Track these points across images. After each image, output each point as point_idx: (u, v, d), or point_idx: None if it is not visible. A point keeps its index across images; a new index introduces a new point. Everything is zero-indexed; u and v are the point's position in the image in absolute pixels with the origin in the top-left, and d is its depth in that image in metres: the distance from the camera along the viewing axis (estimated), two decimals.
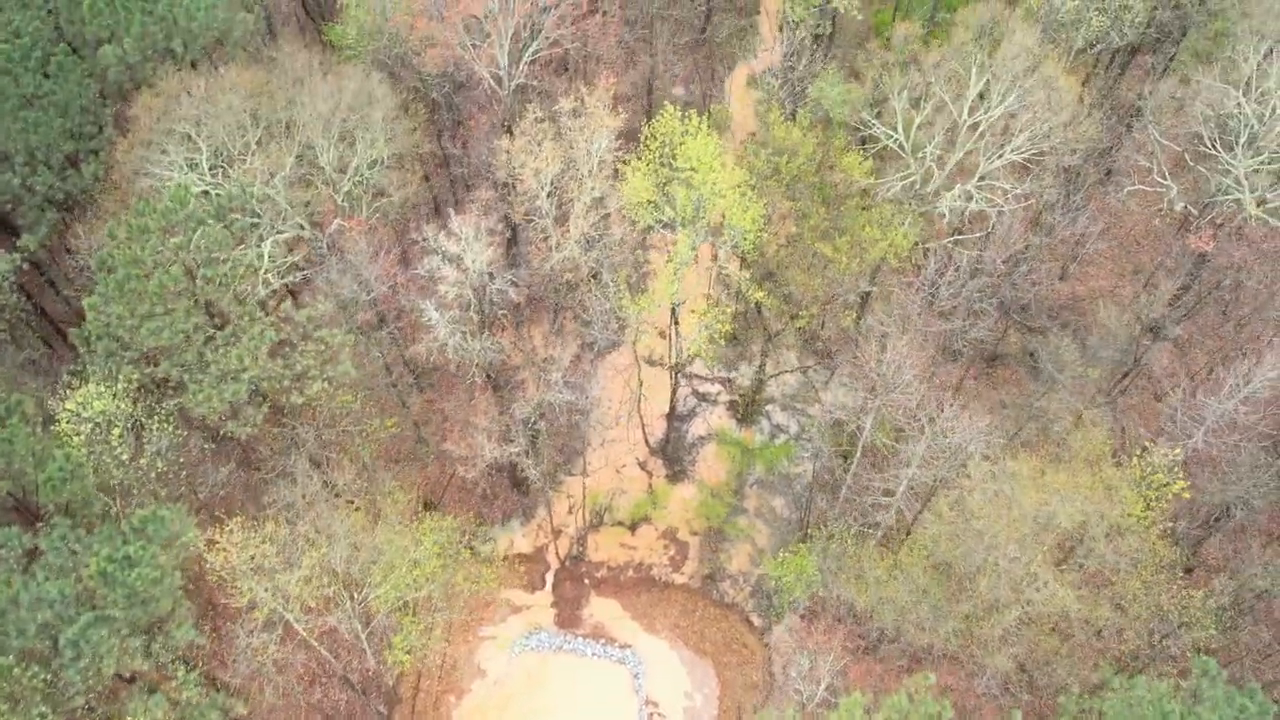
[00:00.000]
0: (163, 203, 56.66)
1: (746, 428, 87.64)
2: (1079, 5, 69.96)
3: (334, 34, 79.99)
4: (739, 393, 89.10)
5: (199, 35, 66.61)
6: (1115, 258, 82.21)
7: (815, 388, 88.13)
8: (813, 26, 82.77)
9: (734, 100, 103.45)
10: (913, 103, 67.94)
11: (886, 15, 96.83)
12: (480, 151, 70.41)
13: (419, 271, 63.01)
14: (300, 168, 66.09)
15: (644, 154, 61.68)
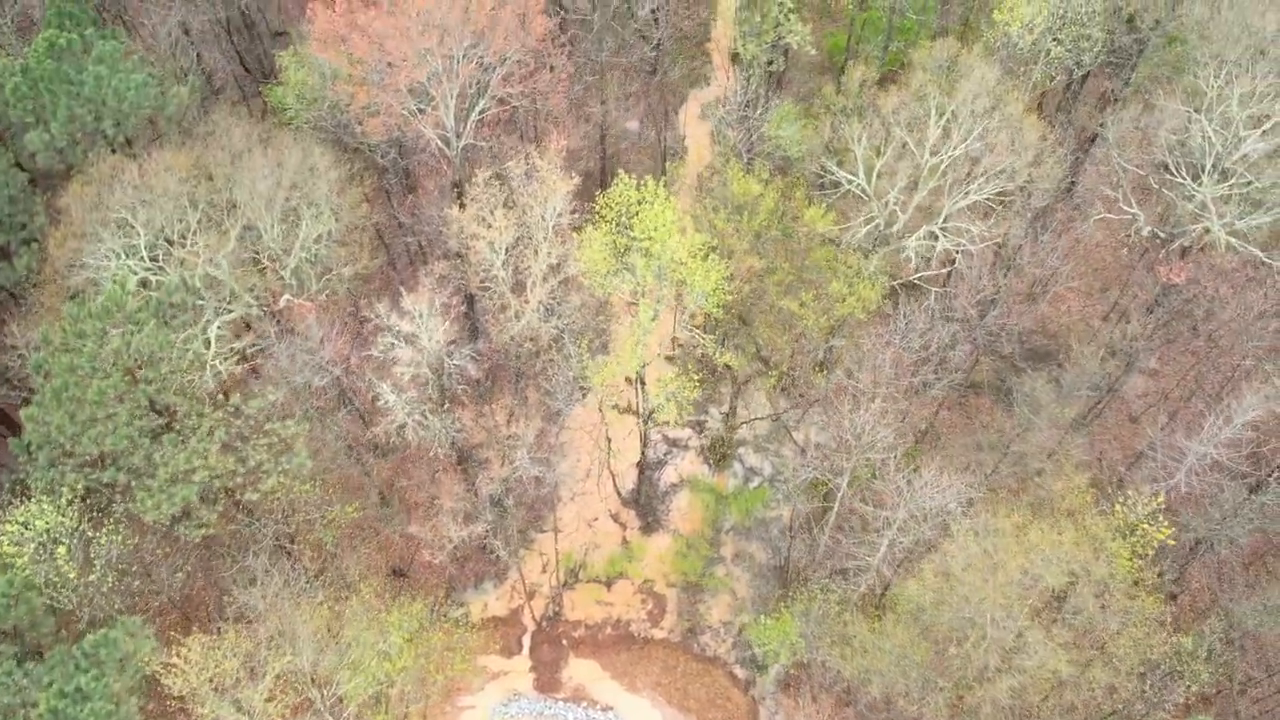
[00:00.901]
0: (98, 304, 54.00)
1: (719, 473, 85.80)
2: (1037, 39, 68.40)
3: (274, 95, 77.40)
4: (710, 437, 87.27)
5: (130, 115, 63.80)
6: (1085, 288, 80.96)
7: (787, 428, 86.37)
8: (765, 63, 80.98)
9: (688, 130, 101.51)
10: (873, 147, 66.23)
11: (840, 39, 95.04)
12: (431, 218, 68.04)
13: (373, 353, 60.69)
14: (245, 247, 63.55)
15: (599, 224, 59.54)
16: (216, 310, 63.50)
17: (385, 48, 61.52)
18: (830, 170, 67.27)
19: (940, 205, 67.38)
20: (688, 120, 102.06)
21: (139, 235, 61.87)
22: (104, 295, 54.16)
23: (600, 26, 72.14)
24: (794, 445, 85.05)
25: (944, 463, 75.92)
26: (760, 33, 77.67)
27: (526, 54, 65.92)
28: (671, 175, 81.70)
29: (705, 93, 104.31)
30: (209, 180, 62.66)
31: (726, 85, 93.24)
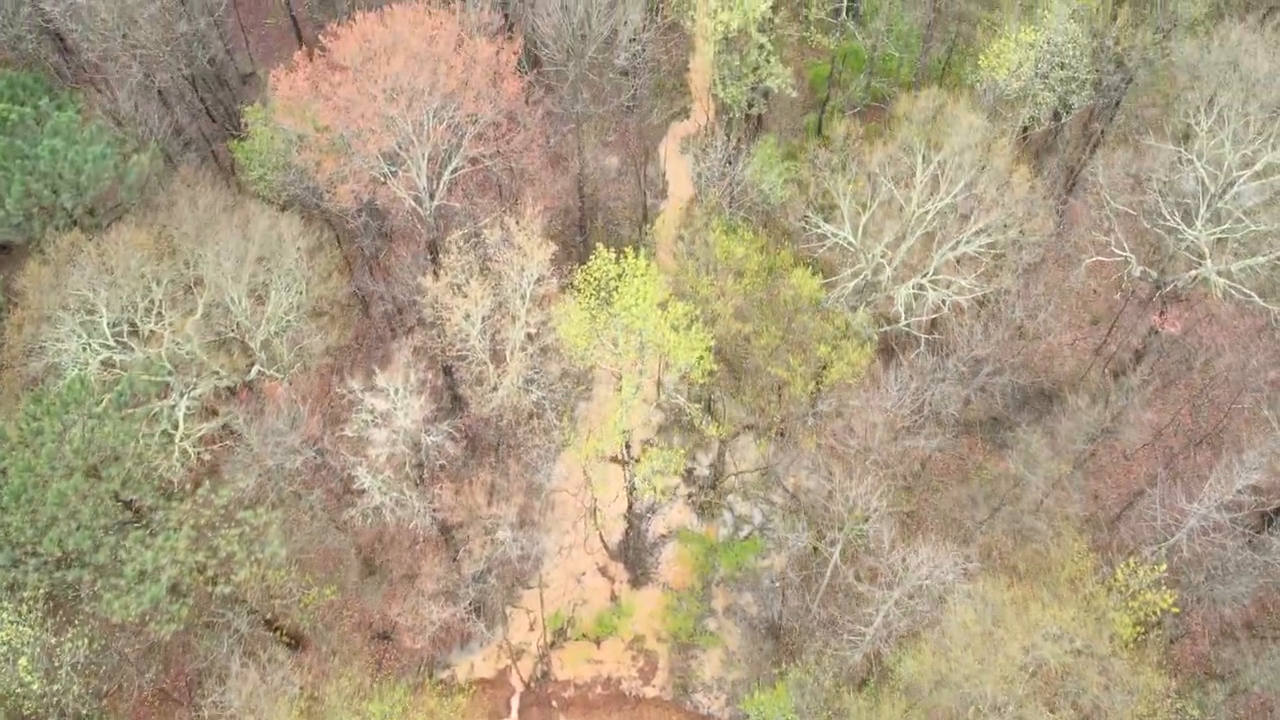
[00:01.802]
0: (57, 397, 51.74)
1: (708, 522, 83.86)
2: (1024, 85, 66.52)
3: (241, 151, 74.99)
4: (698, 484, 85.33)
5: (89, 187, 61.47)
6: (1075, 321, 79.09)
7: (777, 475, 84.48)
8: (745, 105, 78.93)
9: (668, 165, 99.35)
10: (859, 201, 64.34)
11: (823, 69, 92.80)
12: (406, 285, 65.84)
13: (347, 433, 58.55)
14: (212, 324, 61.29)
15: (579, 297, 57.48)
16: (185, 387, 61.25)
17: (352, 115, 59.25)
18: (816, 225, 65.35)
19: (929, 256, 65.58)
20: (668, 154, 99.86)
21: (101, 313, 59.59)
22: (64, 386, 51.95)
23: (575, 77, 69.93)
24: (784, 492, 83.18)
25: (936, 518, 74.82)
26: (740, 76, 75.58)
27: (499, 114, 63.72)
28: (652, 234, 79.54)
29: (685, 125, 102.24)
30: (172, 256, 60.30)
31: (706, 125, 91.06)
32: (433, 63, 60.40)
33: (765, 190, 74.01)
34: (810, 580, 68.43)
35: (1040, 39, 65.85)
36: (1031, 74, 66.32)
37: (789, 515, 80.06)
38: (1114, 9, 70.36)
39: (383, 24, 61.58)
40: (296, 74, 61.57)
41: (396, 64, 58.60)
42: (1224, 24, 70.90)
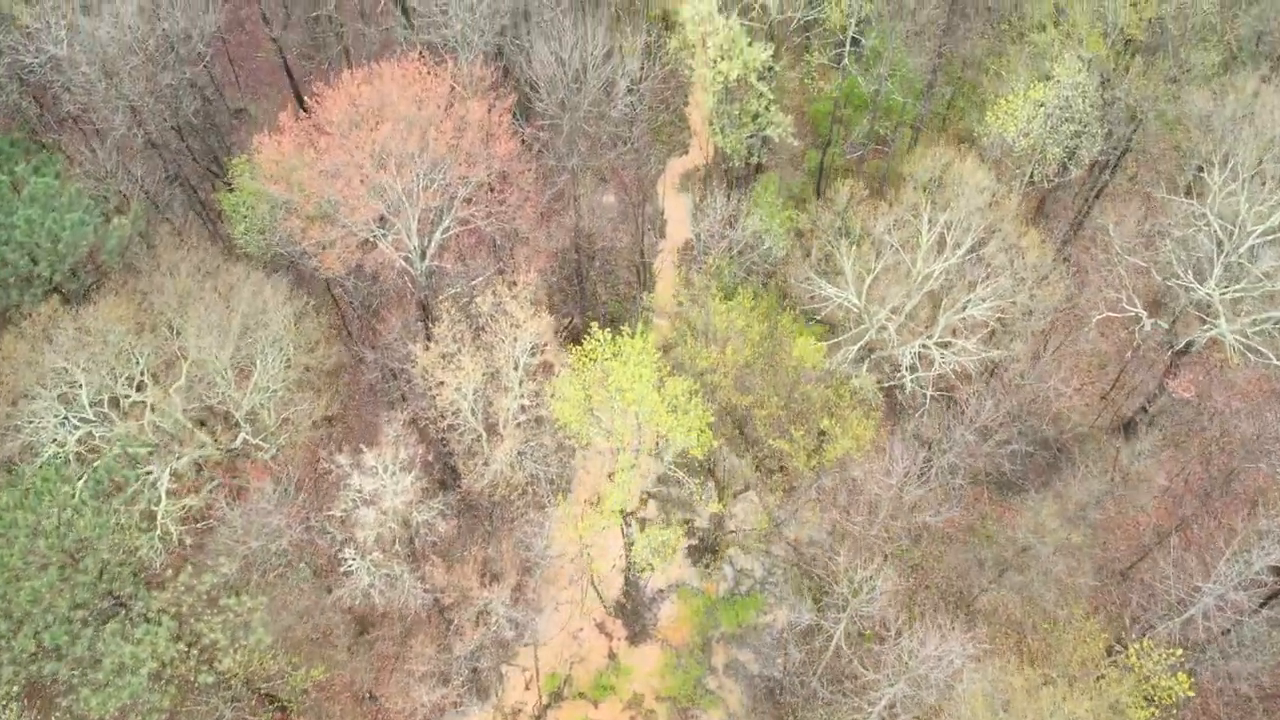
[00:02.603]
0: (30, 490, 49.75)
1: (708, 577, 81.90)
2: (1034, 140, 64.42)
3: (228, 202, 72.97)
4: (698, 536, 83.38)
5: (68, 255, 59.38)
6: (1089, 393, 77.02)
7: (779, 525, 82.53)
8: (745, 155, 76.86)
9: (667, 203, 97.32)
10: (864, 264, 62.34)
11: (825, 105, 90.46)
12: (396, 352, 63.81)
13: (334, 513, 56.59)
14: (194, 396, 59.31)
15: (574, 377, 55.48)
16: (168, 459, 59.28)
17: (338, 182, 57.19)
18: (819, 286, 63.37)
19: (935, 317, 63.61)
20: (667, 191, 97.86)
21: (80, 385, 57.60)
22: (38, 477, 49.95)
23: (570, 129, 67.80)
24: (786, 544, 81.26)
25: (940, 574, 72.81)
26: (740, 125, 73.49)
27: (492, 175, 61.67)
28: (650, 300, 77.54)
29: (684, 161, 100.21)
30: (154, 329, 58.29)
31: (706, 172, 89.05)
32: (422, 127, 58.32)
33: (767, 245, 72.08)
34: (813, 656, 66.51)
35: (1050, 95, 63.74)
36: (1041, 129, 64.21)
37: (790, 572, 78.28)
38: (1125, 60, 68.25)
39: (370, 84, 59.51)
40: (282, 137, 59.50)
41: (384, 130, 56.52)
42: (1238, 74, 68.94)
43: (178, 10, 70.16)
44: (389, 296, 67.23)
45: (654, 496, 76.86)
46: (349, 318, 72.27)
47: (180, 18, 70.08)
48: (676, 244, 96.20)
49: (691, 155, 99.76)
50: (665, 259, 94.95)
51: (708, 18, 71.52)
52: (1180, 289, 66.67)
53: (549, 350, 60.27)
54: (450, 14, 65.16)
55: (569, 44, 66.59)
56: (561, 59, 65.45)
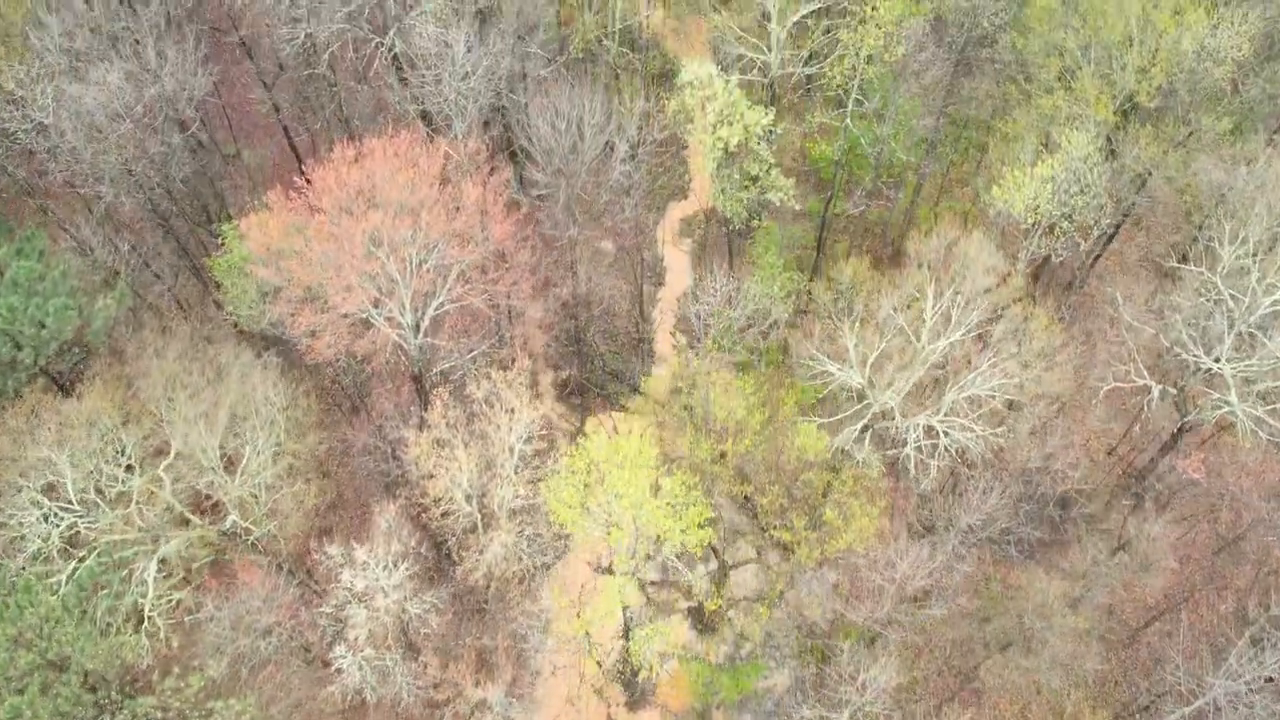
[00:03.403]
0: (10, 602, 48.43)
1: (707, 639, 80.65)
2: (1042, 215, 62.96)
3: (218, 268, 71.51)
4: (697, 598, 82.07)
5: (51, 341, 57.98)
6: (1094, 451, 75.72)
7: (780, 589, 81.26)
8: (745, 218, 75.42)
9: (666, 250, 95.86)
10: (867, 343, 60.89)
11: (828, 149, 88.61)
12: (388, 438, 62.48)
13: (325, 609, 55.32)
14: (182, 488, 57.96)
15: (569, 480, 54.14)
16: (154, 546, 57.96)
17: (327, 270, 55.76)
18: (822, 363, 61.94)
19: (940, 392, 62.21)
20: (666, 237, 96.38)
21: (66, 474, 56.23)
22: (18, 591, 48.61)
23: (568, 198, 66.33)
24: (786, 607, 79.99)
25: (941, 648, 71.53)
26: (741, 187, 72.02)
27: (487, 256, 60.28)
28: (647, 387, 76.19)
29: (684, 206, 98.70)
30: (140, 419, 56.94)
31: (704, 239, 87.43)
32: (415, 210, 56.90)
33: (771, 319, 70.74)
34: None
35: (1059, 168, 62.27)
36: (1049, 205, 62.74)
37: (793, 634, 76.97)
38: (1135, 127, 66.75)
39: (360, 165, 58.00)
40: (270, 221, 58.04)
41: (375, 219, 55.07)
42: (1249, 139, 67.55)
43: (166, 73, 68.54)
44: (381, 374, 65.78)
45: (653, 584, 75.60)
46: (340, 398, 70.84)
47: (169, 81, 68.48)
48: (676, 293, 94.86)
49: (691, 201, 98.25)
50: (665, 306, 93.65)
51: (707, 82, 70.06)
52: (1190, 362, 65.27)
53: (545, 402, 58.86)
54: (444, 83, 63.59)
55: (565, 112, 65.17)
56: (557, 129, 63.96)
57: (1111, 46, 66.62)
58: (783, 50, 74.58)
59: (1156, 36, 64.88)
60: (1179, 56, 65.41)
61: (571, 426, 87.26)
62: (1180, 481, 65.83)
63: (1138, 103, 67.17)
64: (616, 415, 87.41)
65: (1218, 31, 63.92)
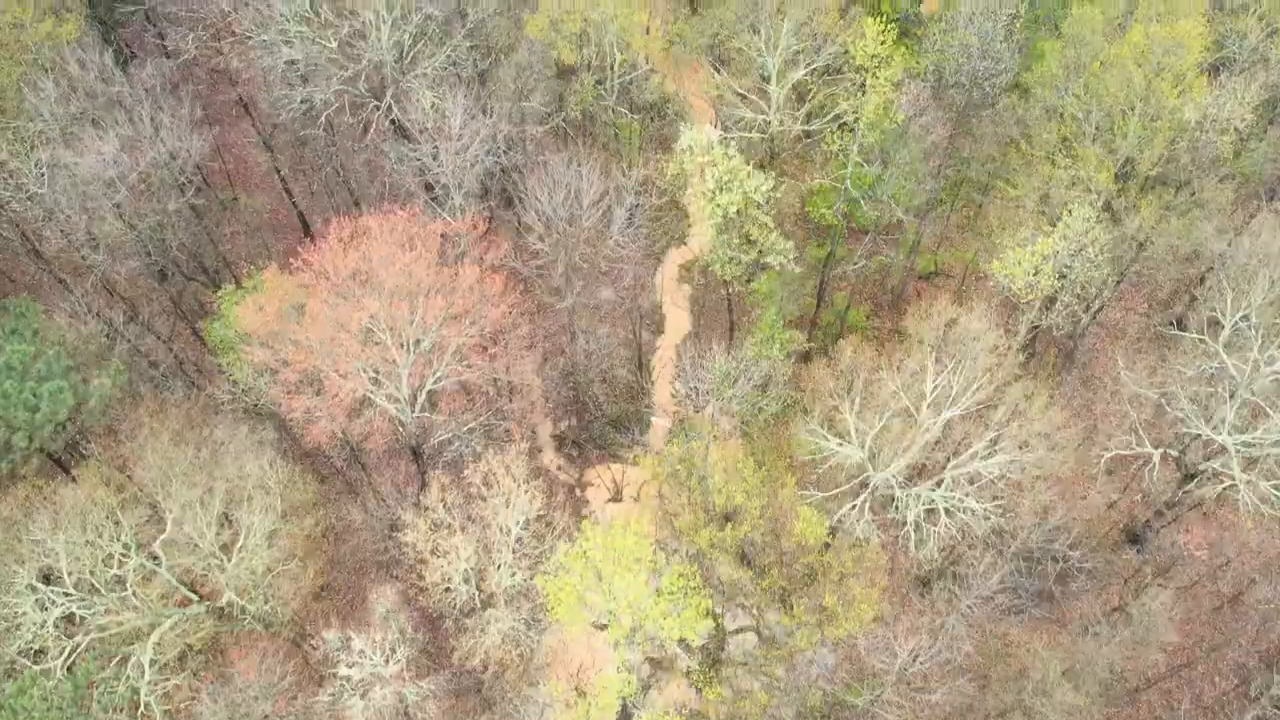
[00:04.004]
0: (6, 707, 48.20)
1: (707, 700, 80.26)
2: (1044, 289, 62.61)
3: (212, 333, 71.12)
4: (696, 658, 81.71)
5: (45, 424, 57.61)
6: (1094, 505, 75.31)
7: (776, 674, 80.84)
8: (745, 281, 74.99)
9: (665, 296, 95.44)
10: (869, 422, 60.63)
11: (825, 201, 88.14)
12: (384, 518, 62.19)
13: (322, 699, 55.06)
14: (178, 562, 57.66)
15: (567, 579, 53.77)
16: (150, 630, 57.66)
17: (324, 356, 55.43)
18: (823, 438, 61.68)
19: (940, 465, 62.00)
20: (666, 285, 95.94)
21: (60, 559, 55.90)
22: (10, 694, 48.35)
23: (566, 267, 65.91)
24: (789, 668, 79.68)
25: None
26: (740, 251, 71.52)
27: (484, 335, 59.94)
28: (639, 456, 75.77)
29: (683, 251, 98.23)
30: (135, 503, 56.66)
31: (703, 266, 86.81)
32: (412, 294, 56.56)
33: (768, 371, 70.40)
34: None
35: (1061, 246, 61.88)
36: (1050, 280, 62.36)
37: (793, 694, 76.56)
38: (1136, 196, 66.35)
39: (356, 248, 57.63)
40: (266, 304, 57.71)
41: (371, 306, 54.72)
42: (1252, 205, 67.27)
43: (161, 139, 68.07)
44: (378, 451, 65.39)
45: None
46: (337, 475, 70.53)
47: (164, 147, 68.01)
48: (675, 339, 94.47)
49: (690, 246, 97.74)
50: (664, 354, 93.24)
51: (706, 148, 69.57)
52: (1192, 435, 64.96)
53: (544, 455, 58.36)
54: (441, 159, 63.17)
55: (563, 181, 64.83)
56: (555, 201, 63.58)
57: (1113, 114, 66.19)
58: (781, 111, 74.11)
59: (1159, 105, 64.40)
60: (1181, 126, 65.00)
61: (570, 478, 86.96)
62: (1182, 555, 65.49)
63: (1139, 170, 66.77)
64: (616, 467, 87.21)
65: (1221, 103, 63.48)
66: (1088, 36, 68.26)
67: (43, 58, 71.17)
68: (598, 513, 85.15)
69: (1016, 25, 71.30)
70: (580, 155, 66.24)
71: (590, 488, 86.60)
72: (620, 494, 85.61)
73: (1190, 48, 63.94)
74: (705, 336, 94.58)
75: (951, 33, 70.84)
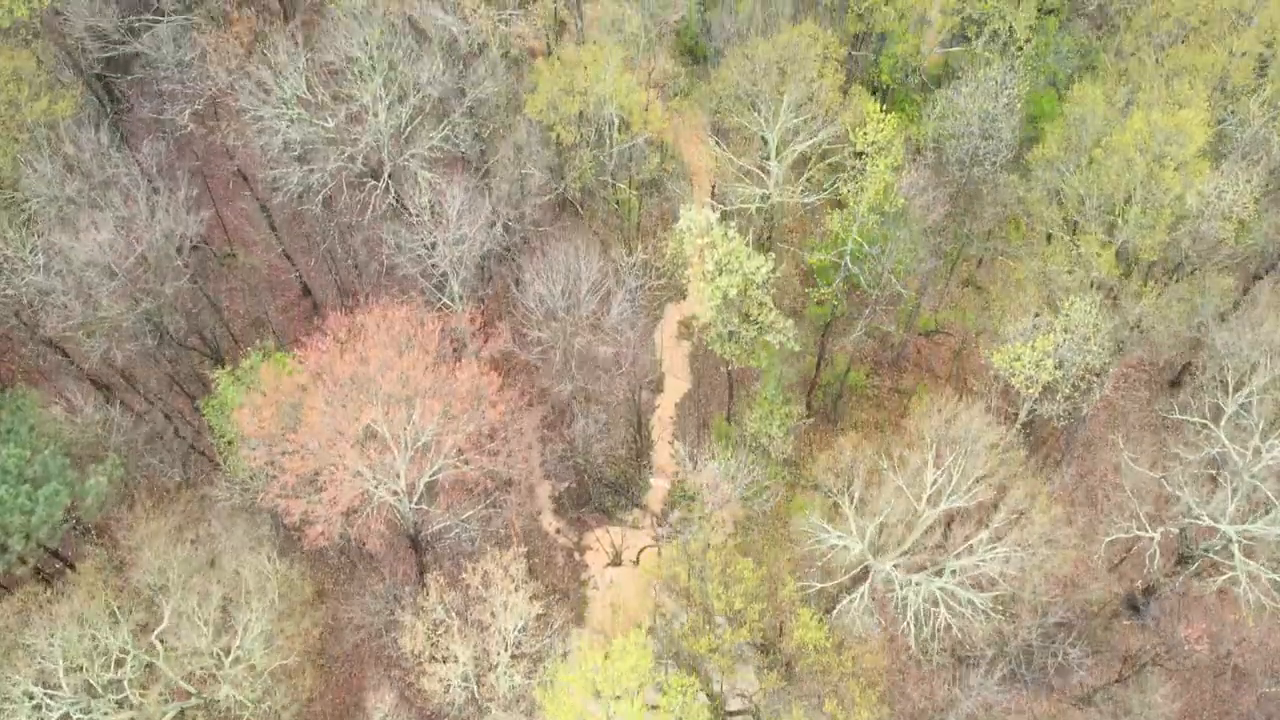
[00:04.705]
0: None
1: None
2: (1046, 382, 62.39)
3: (209, 412, 70.84)
4: None
5: (40, 527, 57.43)
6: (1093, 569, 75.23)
7: None
8: (745, 360, 74.64)
9: (665, 353, 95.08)
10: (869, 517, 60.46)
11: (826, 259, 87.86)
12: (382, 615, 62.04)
13: None
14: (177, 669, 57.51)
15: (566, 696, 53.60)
16: None
17: (320, 463, 55.21)
18: (823, 530, 61.52)
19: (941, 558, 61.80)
20: (665, 342, 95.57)
21: (58, 662, 55.78)
22: None
23: (565, 355, 65.63)
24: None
25: None
26: (741, 326, 71.19)
27: (483, 434, 59.72)
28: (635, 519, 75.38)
29: (682, 308, 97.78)
30: (135, 604, 56.53)
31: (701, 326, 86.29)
32: (409, 399, 56.31)
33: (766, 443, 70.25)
34: None
35: (1063, 340, 61.62)
36: (1050, 374, 62.08)
37: None
38: (1139, 283, 66.07)
39: (353, 350, 57.37)
40: (263, 405, 57.43)
41: (368, 415, 54.46)
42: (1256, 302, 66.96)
43: (156, 222, 67.65)
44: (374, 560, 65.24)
45: None
46: (335, 573, 70.37)
47: (159, 230, 67.61)
48: (674, 398, 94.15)
49: (690, 302, 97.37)
50: (663, 413, 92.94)
51: (706, 229, 69.15)
52: (1193, 521, 64.78)
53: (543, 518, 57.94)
54: (439, 249, 62.88)
55: (562, 266, 64.57)
56: (553, 292, 63.34)
57: (1114, 199, 65.88)
58: (780, 186, 73.73)
59: (1161, 193, 64.06)
60: (1183, 214, 64.70)
61: (569, 541, 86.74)
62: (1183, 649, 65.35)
63: (1140, 256, 66.47)
64: (615, 530, 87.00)
65: (1223, 194, 63.15)
66: (1089, 118, 67.90)
67: (39, 136, 70.79)
68: (597, 577, 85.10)
69: (1018, 104, 70.84)
70: (578, 241, 65.94)
71: (589, 551, 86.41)
72: (619, 558, 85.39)
73: (1193, 136, 63.59)
74: (705, 397, 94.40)
75: (951, 116, 70.39)
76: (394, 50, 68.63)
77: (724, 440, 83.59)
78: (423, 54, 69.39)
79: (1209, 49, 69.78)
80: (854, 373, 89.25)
